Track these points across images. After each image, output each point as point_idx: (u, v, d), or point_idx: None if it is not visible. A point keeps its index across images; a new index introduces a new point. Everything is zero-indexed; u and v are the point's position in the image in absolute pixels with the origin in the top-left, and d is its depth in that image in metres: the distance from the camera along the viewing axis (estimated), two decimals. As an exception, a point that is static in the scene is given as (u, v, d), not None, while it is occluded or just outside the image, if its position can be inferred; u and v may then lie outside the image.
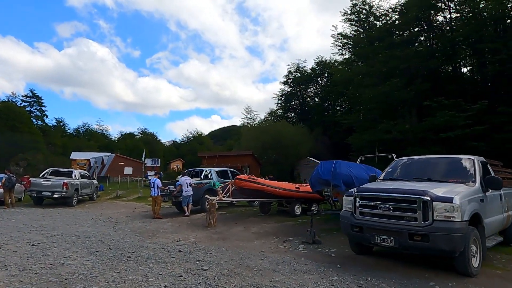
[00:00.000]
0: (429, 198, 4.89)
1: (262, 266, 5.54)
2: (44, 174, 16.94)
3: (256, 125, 54.57)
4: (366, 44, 26.60)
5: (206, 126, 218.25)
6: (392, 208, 5.17)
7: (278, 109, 59.41)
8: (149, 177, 29.81)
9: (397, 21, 27.16)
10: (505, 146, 21.34)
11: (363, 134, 26.02)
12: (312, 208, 7.77)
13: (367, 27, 28.54)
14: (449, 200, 4.81)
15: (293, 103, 58.97)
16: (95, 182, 19.94)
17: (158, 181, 12.02)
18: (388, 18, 27.53)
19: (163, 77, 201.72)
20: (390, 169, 6.98)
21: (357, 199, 5.66)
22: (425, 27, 27.40)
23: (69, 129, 76.14)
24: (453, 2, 26.36)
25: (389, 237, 5.11)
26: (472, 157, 6.31)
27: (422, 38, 28.38)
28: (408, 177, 6.27)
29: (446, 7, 26.72)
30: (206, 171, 13.61)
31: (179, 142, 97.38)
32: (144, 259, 5.89)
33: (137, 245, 7.17)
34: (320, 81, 57.15)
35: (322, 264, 5.67)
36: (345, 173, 8.10)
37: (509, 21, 22.48)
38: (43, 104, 62.51)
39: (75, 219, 11.56)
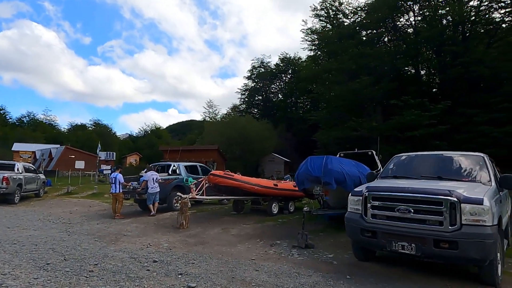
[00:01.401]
0: (456, 199, 4.28)
1: (260, 280, 4.63)
2: (-21, 167, 14.62)
3: (219, 119, 53.26)
4: (335, 40, 26.54)
5: (163, 120, 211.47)
6: (413, 211, 4.50)
7: (241, 104, 58.54)
8: (105, 172, 27.62)
9: (364, 20, 27.33)
10: (463, 146, 22.30)
11: (330, 131, 25.96)
12: (305, 208, 6.96)
13: (336, 24, 28.53)
14: (479, 201, 4.23)
15: (256, 98, 58.40)
16: (42, 176, 17.69)
17: (120, 177, 10.60)
18: (356, 16, 27.70)
19: (116, 67, 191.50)
20: (392, 166, 6.38)
21: (369, 200, 4.95)
22: (390, 29, 27.92)
23: (10, 118, 69.37)
24: (417, 5, 27.14)
25: (409, 243, 4.44)
26: (481, 154, 5.87)
27: (386, 40, 28.91)
28: (415, 175, 5.68)
29: (410, 10, 27.45)
30: (174, 166, 12.35)
31: (135, 135, 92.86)
32: (111, 274, 4.72)
33: (99, 253, 5.92)
34: (284, 78, 57.11)
35: (328, 275, 4.89)
36: (337, 170, 7.42)
37: (469, 25, 23.43)
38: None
39: (17, 220, 9.82)
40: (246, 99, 57.83)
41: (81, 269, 4.93)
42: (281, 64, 56.05)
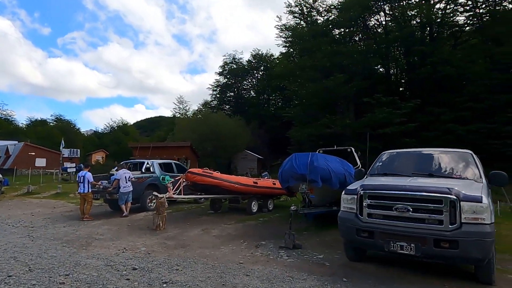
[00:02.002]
0: (455, 197, 4.17)
1: (253, 286, 4.30)
2: None
3: (190, 115, 52.17)
4: (308, 38, 26.60)
5: (130, 116, 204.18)
6: (411, 209, 4.35)
7: (213, 100, 57.76)
8: (69, 170, 26.06)
9: (337, 19, 27.61)
10: (431, 144, 23.15)
11: (304, 128, 26.04)
12: (292, 207, 6.69)
13: (310, 21, 28.61)
14: (478, 199, 4.14)
15: (228, 95, 57.81)
16: (-1, 175, 16.29)
17: (89, 175, 9.82)
18: (329, 14, 27.94)
19: (79, 60, 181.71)
20: (380, 163, 6.27)
21: (365, 198, 4.75)
22: (362, 28, 28.40)
23: (-40, 112, 64.07)
24: (388, 5, 27.80)
25: (409, 243, 4.28)
26: (468, 151, 5.88)
27: (357, 39, 29.39)
28: (405, 172, 5.59)
29: (381, 10, 28.07)
30: (148, 164, 11.69)
31: (100, 132, 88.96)
32: (86, 286, 4.20)
33: (69, 261, 5.33)
34: (256, 74, 56.89)
35: (323, 278, 4.65)
36: (323, 167, 7.22)
37: (436, 27, 24.30)
38: None
39: (-29, 224, 8.84)
40: (218, 95, 57.13)
41: (50, 281, 4.36)
42: (253, 61, 55.80)
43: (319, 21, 28.69)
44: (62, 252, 6.01)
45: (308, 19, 28.40)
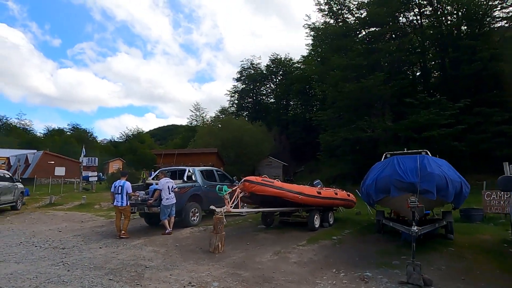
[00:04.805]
0: None
1: None
2: None
3: (207, 122, 50.94)
4: (340, 36, 25.00)
5: (141, 125, 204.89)
6: None
7: (231, 106, 56.53)
8: (90, 179, 24.85)
9: (371, 15, 25.94)
10: (480, 147, 21.10)
11: (338, 132, 24.26)
12: (414, 228, 4.99)
13: (340, 19, 27.06)
14: None
15: (246, 100, 56.47)
16: (20, 185, 15.00)
17: (128, 185, 8.32)
18: (362, 11, 26.31)
19: (89, 70, 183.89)
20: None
21: None
22: (399, 24, 26.69)
23: (-20, 123, 64.52)
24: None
25: None
26: None
27: (394, 36, 27.60)
28: None
29: (420, 4, 26.25)
30: (189, 171, 10.17)
31: (116, 140, 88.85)
32: None
33: (128, 309, 3.77)
34: (275, 79, 55.50)
35: None
36: (438, 174, 5.56)
37: (488, 19, 22.41)
38: None
39: (-9, 245, 7.42)
40: (236, 101, 55.85)
41: None
42: (272, 65, 54.48)
43: (349, 20, 27.11)
44: (112, 289, 4.47)
45: (340, 17, 26.82)
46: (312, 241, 7.54)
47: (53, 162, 32.67)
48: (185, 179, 9.89)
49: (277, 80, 55.19)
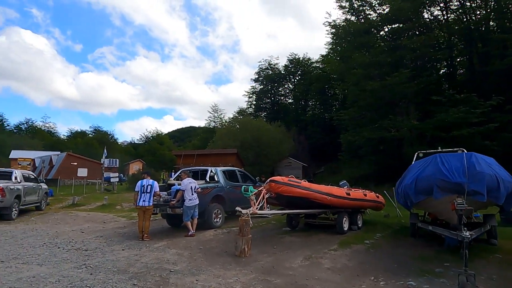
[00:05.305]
0: None
1: None
2: (-31, 175, 12.15)
3: (226, 123, 50.80)
4: (362, 33, 24.27)
5: (159, 127, 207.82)
6: None
7: (249, 107, 56.27)
8: (112, 180, 25.08)
9: (393, 11, 25.08)
10: (512, 146, 19.96)
11: (361, 131, 23.54)
12: (465, 233, 4.51)
13: (361, 16, 26.32)
14: None
15: (264, 101, 56.09)
16: (44, 186, 15.15)
17: (156, 185, 8.14)
18: (383, 7, 25.48)
19: (109, 74, 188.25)
20: None
21: None
22: (424, 19, 25.72)
23: (8, 125, 66.81)
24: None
25: None
26: None
27: (417, 32, 26.62)
28: None
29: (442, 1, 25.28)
30: (212, 171, 9.90)
31: (135, 142, 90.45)
32: None
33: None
34: (293, 79, 54.93)
35: None
36: (489, 173, 5.04)
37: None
38: (-26, 94, 53.26)
39: (15, 246, 7.33)
40: (254, 102, 55.58)
41: None
42: (290, 66, 53.93)
43: (371, 16, 26.31)
44: (137, 296, 4.19)
45: (361, 14, 26.06)
46: (344, 245, 7.09)
47: (75, 163, 33.26)
48: (208, 180, 9.62)
49: (295, 80, 54.62)
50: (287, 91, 55.97)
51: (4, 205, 11.09)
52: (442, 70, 27.00)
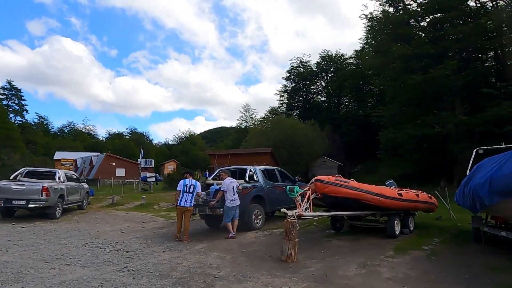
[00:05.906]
0: None
1: None
2: (17, 175, 12.61)
3: (258, 123, 50.54)
4: (402, 24, 23.00)
5: (191, 128, 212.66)
6: None
7: (281, 106, 55.67)
8: (148, 180, 25.54)
9: (431, 2, 23.55)
10: None
11: (401, 128, 22.29)
12: None
13: (400, 7, 24.98)
14: None
15: (296, 99, 55.24)
16: (85, 185, 15.54)
17: (199, 185, 7.92)
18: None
19: (143, 77, 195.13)
20: None
21: None
22: (468, 8, 23.97)
23: (52, 128, 70.84)
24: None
25: None
26: None
27: (461, 22, 24.87)
28: None
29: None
30: (251, 171, 9.54)
31: (170, 143, 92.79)
32: None
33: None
34: (325, 77, 53.66)
35: None
36: None
37: None
38: (22, 98, 56.81)
39: (58, 245, 7.34)
40: (286, 101, 54.91)
41: None
42: (322, 63, 52.70)
43: (410, 6, 24.90)
44: (184, 307, 3.85)
45: (399, 4, 24.74)
46: (400, 252, 6.44)
47: (114, 163, 34.36)
48: (247, 179, 9.25)
49: (328, 77, 53.35)
50: (320, 88, 54.86)
51: (49, 204, 11.36)
52: (489, 61, 25.08)
